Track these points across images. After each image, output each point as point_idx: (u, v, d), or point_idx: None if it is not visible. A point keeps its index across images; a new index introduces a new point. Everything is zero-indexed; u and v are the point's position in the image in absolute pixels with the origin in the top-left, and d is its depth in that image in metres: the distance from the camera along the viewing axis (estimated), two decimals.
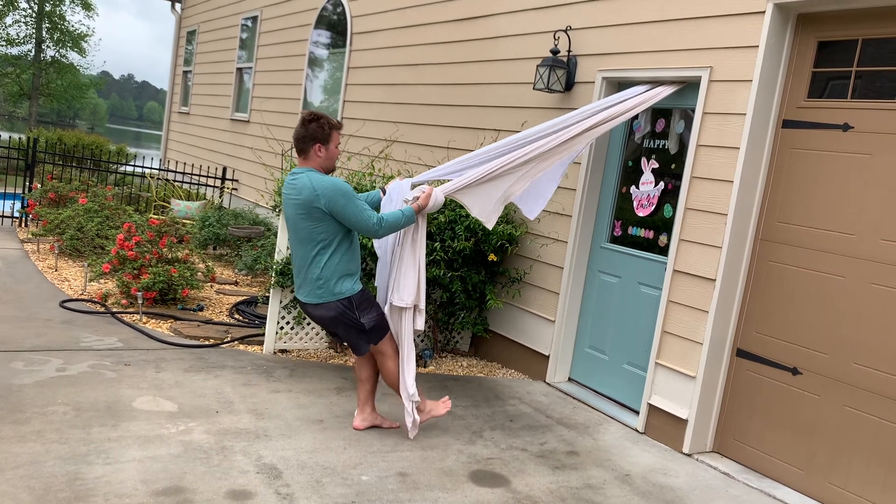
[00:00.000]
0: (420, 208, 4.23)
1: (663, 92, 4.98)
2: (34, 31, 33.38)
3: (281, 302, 5.74)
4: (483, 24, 6.72)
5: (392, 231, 4.14)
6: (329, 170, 4.19)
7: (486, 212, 4.59)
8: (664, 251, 5.13)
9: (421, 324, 4.37)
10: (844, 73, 4.23)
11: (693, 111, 4.88)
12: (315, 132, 4.06)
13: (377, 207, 4.53)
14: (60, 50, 34.06)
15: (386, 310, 4.36)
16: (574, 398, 5.49)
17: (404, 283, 4.27)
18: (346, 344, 4.33)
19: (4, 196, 10.65)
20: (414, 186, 4.55)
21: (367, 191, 5.62)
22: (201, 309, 6.72)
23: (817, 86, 4.36)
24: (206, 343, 5.76)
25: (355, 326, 4.17)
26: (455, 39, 7.08)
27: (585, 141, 4.86)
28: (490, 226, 4.64)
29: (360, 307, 4.15)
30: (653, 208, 5.26)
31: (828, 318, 4.19)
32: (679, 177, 5.04)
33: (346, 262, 4.11)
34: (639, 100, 4.94)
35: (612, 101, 5.00)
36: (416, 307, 4.33)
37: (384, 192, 4.52)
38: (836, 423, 4.12)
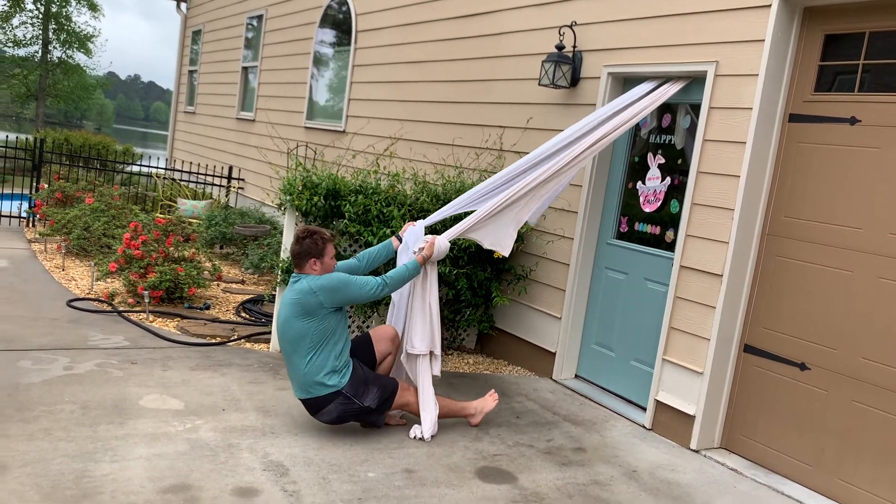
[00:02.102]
0: (425, 259, 4.35)
1: (669, 91, 4.94)
2: (41, 32, 33.49)
3: None
4: (487, 21, 6.71)
5: (400, 286, 4.27)
6: None
7: (499, 240, 4.65)
8: (671, 247, 5.11)
9: (438, 369, 4.47)
10: (852, 66, 4.20)
11: (699, 106, 4.86)
12: (310, 248, 4.15)
13: (393, 256, 4.62)
14: (67, 51, 34.18)
15: (402, 358, 4.47)
16: (581, 395, 5.48)
17: (415, 331, 4.39)
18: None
19: (12, 196, 10.69)
20: (427, 229, 4.63)
21: (373, 189, 5.61)
22: (208, 307, 6.73)
23: (824, 79, 4.33)
24: (213, 341, 5.76)
25: (363, 411, 4.18)
26: (459, 36, 7.07)
27: (594, 153, 4.84)
28: (506, 252, 4.67)
29: (358, 394, 4.14)
30: (659, 204, 5.24)
31: (836, 313, 4.17)
32: (685, 172, 5.02)
33: (333, 360, 4.10)
34: (645, 103, 4.89)
35: (618, 106, 4.97)
36: (431, 353, 4.43)
37: (399, 240, 4.62)
38: (844, 419, 4.10)
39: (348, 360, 4.19)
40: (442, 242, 4.40)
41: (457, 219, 5.30)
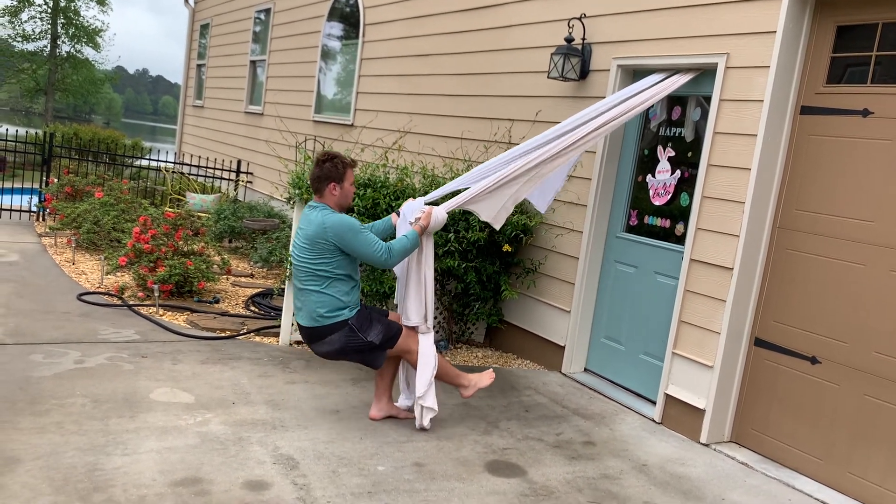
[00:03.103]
0: (422, 229, 4.30)
1: (679, 81, 4.92)
2: (49, 26, 33.62)
3: None
4: (496, 13, 6.68)
5: (403, 257, 4.23)
6: (344, 207, 4.26)
7: (493, 213, 4.62)
8: (681, 240, 5.09)
9: (433, 339, 4.43)
10: (864, 57, 4.17)
11: (709, 98, 4.83)
12: (330, 172, 4.15)
13: (392, 233, 4.59)
14: (75, 45, 34.31)
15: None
16: (590, 388, 5.47)
17: (410, 303, 4.37)
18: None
19: (22, 191, 10.74)
20: (427, 204, 4.60)
21: (382, 182, 5.62)
22: (217, 301, 6.75)
23: (836, 71, 4.30)
24: (223, 335, 5.78)
25: (366, 347, 4.18)
26: (468, 29, 7.04)
27: (600, 136, 4.81)
28: (498, 226, 4.68)
29: (363, 328, 4.15)
30: (669, 197, 5.21)
31: (847, 307, 4.14)
32: (696, 165, 4.99)
33: (343, 295, 4.13)
34: (654, 91, 4.88)
35: (626, 95, 4.95)
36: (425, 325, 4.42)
37: (398, 215, 4.58)
38: (855, 413, 4.08)
39: (358, 301, 4.21)
40: (439, 213, 4.35)
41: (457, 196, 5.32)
